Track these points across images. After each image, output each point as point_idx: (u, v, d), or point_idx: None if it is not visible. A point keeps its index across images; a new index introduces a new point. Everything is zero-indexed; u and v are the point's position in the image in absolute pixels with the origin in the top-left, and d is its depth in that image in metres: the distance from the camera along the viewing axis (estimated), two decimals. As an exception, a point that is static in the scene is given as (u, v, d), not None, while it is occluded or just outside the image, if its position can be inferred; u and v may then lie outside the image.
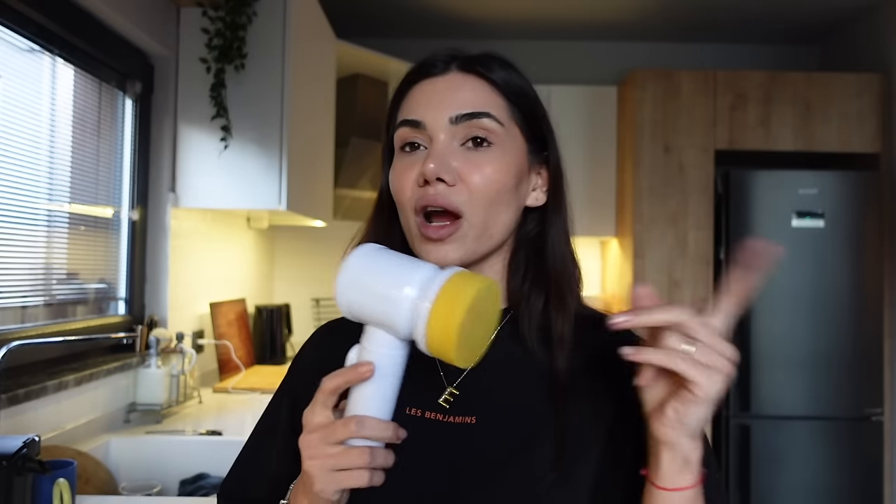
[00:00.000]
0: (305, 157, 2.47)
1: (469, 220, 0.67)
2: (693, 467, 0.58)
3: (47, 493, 1.12)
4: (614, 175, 3.60)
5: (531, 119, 0.72)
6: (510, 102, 0.70)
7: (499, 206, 0.68)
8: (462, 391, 0.70)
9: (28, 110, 1.65)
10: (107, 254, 2.04)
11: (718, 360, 0.55)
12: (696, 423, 0.56)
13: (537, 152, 0.74)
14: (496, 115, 0.69)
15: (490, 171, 0.67)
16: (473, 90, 0.69)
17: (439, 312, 0.54)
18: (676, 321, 0.55)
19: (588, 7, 3.45)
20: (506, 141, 0.69)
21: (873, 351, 3.10)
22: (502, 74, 0.71)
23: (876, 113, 3.22)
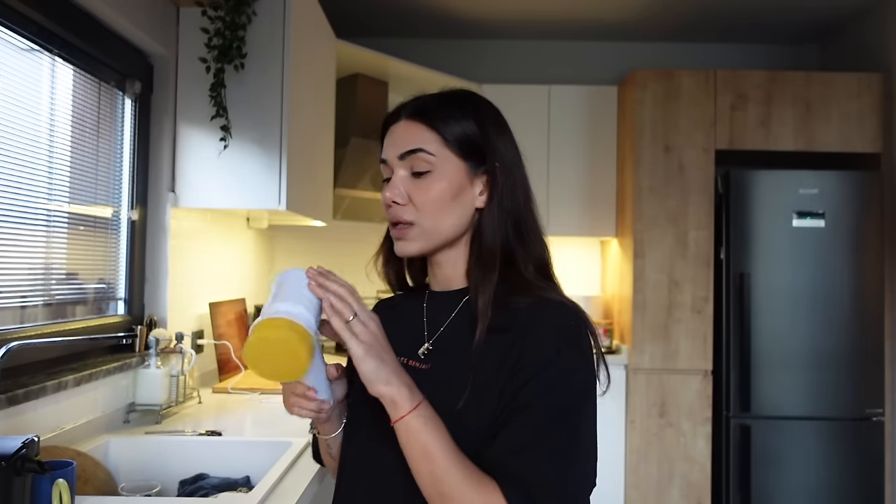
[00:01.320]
0: (305, 157, 2.46)
1: (419, 225, 0.92)
2: (399, 404, 0.78)
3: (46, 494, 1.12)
4: (614, 175, 3.60)
5: (465, 143, 0.93)
6: (442, 136, 0.92)
7: (442, 213, 0.92)
8: (433, 347, 0.95)
9: (27, 110, 1.65)
10: (106, 254, 2.03)
11: (360, 327, 0.79)
12: (368, 373, 0.77)
13: (477, 166, 0.94)
14: (428, 149, 0.92)
15: (428, 191, 0.91)
16: (412, 132, 0.93)
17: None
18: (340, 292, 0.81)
19: (588, 7, 3.45)
20: (441, 166, 0.92)
21: (874, 351, 3.10)
22: (437, 114, 0.93)
23: (876, 113, 3.22)
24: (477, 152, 0.93)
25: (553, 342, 0.84)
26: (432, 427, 0.79)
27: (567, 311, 0.88)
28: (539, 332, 0.85)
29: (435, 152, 0.92)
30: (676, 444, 3.18)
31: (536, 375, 0.82)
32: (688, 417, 3.19)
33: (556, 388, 0.82)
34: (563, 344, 0.84)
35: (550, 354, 0.83)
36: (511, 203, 0.94)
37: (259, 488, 1.38)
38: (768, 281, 3.11)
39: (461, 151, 0.93)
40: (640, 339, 3.22)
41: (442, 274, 0.99)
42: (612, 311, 3.64)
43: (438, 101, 0.95)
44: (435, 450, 0.78)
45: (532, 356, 0.83)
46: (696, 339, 3.20)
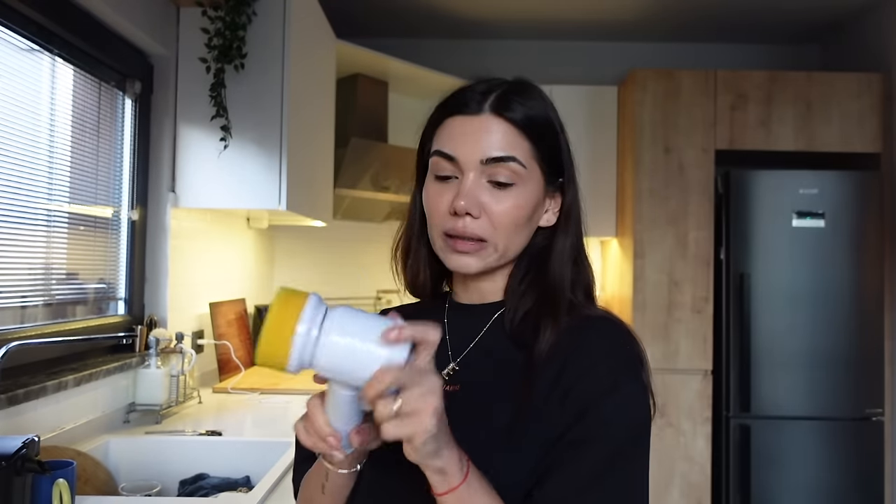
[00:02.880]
0: (305, 157, 2.46)
1: (492, 244, 0.80)
2: (449, 475, 0.65)
3: (46, 494, 1.12)
4: (615, 175, 3.60)
5: (550, 152, 0.83)
6: (533, 143, 0.81)
7: (517, 233, 0.81)
8: (460, 366, 0.83)
9: (27, 110, 1.65)
10: (106, 254, 2.04)
11: (420, 402, 0.60)
12: (425, 451, 0.62)
13: (553, 181, 0.84)
14: (521, 158, 0.80)
15: (511, 206, 0.79)
16: (502, 134, 0.79)
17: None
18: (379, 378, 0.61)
19: (588, 7, 3.45)
20: (527, 180, 0.80)
21: (874, 351, 3.10)
22: (527, 114, 0.81)
23: (876, 113, 3.22)
24: (556, 165, 0.85)
25: (609, 371, 0.75)
26: (484, 491, 0.68)
27: (617, 331, 0.80)
28: (591, 358, 0.76)
29: (526, 164, 0.80)
30: (676, 444, 3.18)
31: (592, 409, 0.73)
32: (688, 417, 3.19)
33: (615, 425, 0.72)
34: (621, 373, 0.75)
35: (608, 386, 0.74)
36: (577, 224, 0.86)
37: (259, 488, 1.38)
38: (768, 281, 3.11)
39: (547, 163, 0.83)
40: (640, 339, 3.21)
41: (476, 287, 0.87)
42: (612, 311, 3.63)
43: (524, 99, 0.82)
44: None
45: (587, 386, 0.74)
46: (696, 339, 3.20)
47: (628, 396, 0.74)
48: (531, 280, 0.83)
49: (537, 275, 0.83)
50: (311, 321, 0.57)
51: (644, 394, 0.76)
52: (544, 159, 0.82)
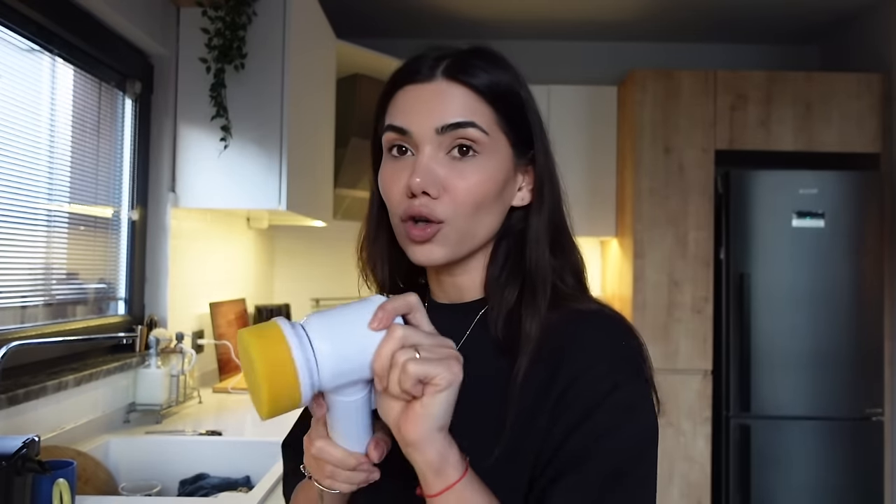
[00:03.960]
0: (305, 157, 2.46)
1: (451, 225, 0.70)
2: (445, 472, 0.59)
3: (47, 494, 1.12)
4: (614, 175, 3.60)
5: (517, 120, 0.73)
6: (495, 109, 0.71)
7: (482, 212, 0.71)
8: None
9: (28, 110, 1.65)
10: (106, 254, 2.04)
11: (444, 351, 0.58)
12: (442, 411, 0.57)
13: (523, 153, 0.74)
14: (481, 124, 0.69)
15: (474, 180, 0.69)
16: (458, 99, 0.70)
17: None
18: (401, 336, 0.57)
19: (588, 7, 3.45)
20: (490, 149, 0.70)
21: (874, 351, 3.10)
22: (487, 79, 0.71)
23: (876, 113, 3.22)
24: (524, 136, 0.74)
25: (607, 372, 0.66)
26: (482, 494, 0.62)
27: (614, 326, 0.71)
28: (586, 358, 0.67)
29: (489, 130, 0.70)
30: (676, 444, 3.19)
31: (590, 416, 0.65)
32: (688, 417, 3.19)
33: (616, 432, 0.65)
34: (620, 374, 0.67)
35: (606, 388, 0.66)
36: (553, 201, 0.75)
37: (259, 488, 1.38)
38: (768, 281, 3.11)
39: (513, 132, 0.72)
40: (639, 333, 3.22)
41: (452, 283, 0.77)
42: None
43: (484, 63, 0.72)
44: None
45: (582, 389, 0.66)
46: (696, 339, 3.20)
47: (630, 399, 0.67)
48: (511, 270, 0.74)
49: (517, 263, 0.74)
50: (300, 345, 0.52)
51: (647, 395, 0.69)
52: (510, 127, 0.72)
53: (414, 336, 0.57)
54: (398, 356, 0.56)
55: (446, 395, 0.57)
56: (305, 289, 3.57)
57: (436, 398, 0.57)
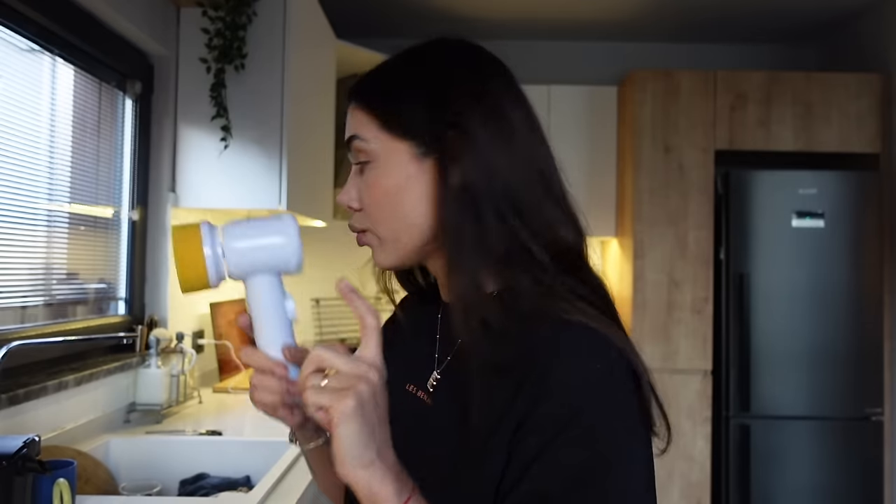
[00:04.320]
0: (305, 157, 2.47)
1: (373, 232, 0.72)
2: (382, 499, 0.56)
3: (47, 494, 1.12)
4: (614, 175, 3.60)
5: (404, 116, 0.70)
6: (377, 115, 0.70)
7: (395, 214, 0.70)
8: (442, 375, 0.74)
9: (28, 110, 1.65)
10: (107, 254, 2.04)
11: (347, 380, 0.56)
12: (347, 446, 0.54)
13: (429, 143, 0.69)
14: (362, 134, 0.71)
15: (372, 187, 0.71)
16: (353, 117, 0.72)
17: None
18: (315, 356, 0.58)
19: (588, 7, 3.45)
20: (380, 155, 0.70)
21: (873, 351, 3.10)
22: (370, 89, 0.72)
23: (876, 113, 3.22)
24: (430, 123, 0.69)
25: (570, 395, 0.61)
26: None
27: (592, 343, 0.63)
28: (554, 378, 0.62)
29: (369, 137, 0.70)
30: (676, 444, 3.18)
31: (549, 445, 0.60)
32: (687, 417, 3.19)
33: (577, 466, 0.59)
34: (585, 398, 0.61)
35: (566, 415, 0.60)
36: (483, 179, 0.67)
37: (259, 488, 1.38)
38: (768, 281, 3.11)
39: (401, 130, 0.70)
40: (639, 339, 3.22)
41: (441, 283, 0.77)
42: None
43: (379, 70, 0.74)
44: None
45: (544, 414, 0.61)
46: (696, 339, 3.20)
47: (594, 425, 0.60)
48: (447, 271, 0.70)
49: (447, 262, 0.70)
50: (211, 241, 0.63)
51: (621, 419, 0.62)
52: (401, 127, 0.69)
53: (329, 360, 0.57)
54: (308, 379, 0.57)
55: (344, 430, 0.54)
56: (305, 289, 3.57)
57: (337, 433, 0.54)
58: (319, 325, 3.50)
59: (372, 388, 0.56)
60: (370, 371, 0.57)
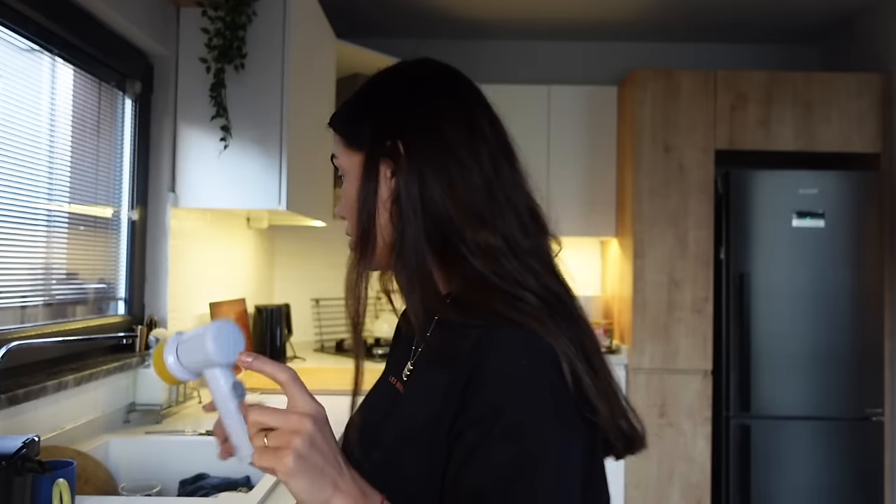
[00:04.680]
0: (305, 157, 2.46)
1: (354, 237, 0.78)
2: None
3: (47, 494, 1.12)
4: (614, 175, 3.60)
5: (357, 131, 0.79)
6: (341, 134, 0.81)
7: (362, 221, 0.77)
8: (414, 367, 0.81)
9: (28, 110, 1.65)
10: (106, 254, 2.04)
11: (282, 438, 0.60)
12: (301, 490, 0.60)
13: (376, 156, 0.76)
14: (336, 153, 0.82)
15: (345, 197, 0.81)
16: (333, 141, 0.84)
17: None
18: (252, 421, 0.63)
19: (588, 7, 3.45)
20: (347, 168, 0.80)
21: (874, 351, 3.10)
22: (340, 115, 0.83)
23: (876, 113, 3.22)
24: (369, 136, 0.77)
25: (498, 391, 0.64)
26: None
27: (520, 341, 0.66)
28: (486, 373, 0.65)
29: (340, 155, 0.81)
30: (676, 444, 3.18)
31: (483, 441, 0.63)
32: (688, 417, 3.19)
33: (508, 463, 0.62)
34: (512, 394, 0.64)
35: (496, 411, 0.64)
36: (423, 186, 0.72)
37: (259, 488, 1.38)
38: (768, 281, 3.11)
39: (357, 145, 0.78)
40: (640, 339, 3.22)
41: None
42: (612, 311, 3.64)
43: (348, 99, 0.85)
44: None
45: (477, 408, 0.65)
46: (696, 339, 3.20)
47: (516, 424, 0.63)
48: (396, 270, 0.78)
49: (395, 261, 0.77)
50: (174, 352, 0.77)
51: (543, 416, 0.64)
52: (356, 143, 0.78)
53: (265, 421, 0.62)
54: (254, 441, 0.63)
55: (292, 482, 0.59)
56: (305, 289, 3.57)
57: (288, 487, 0.60)
58: (319, 324, 3.50)
59: (309, 436, 0.60)
60: (302, 421, 0.60)
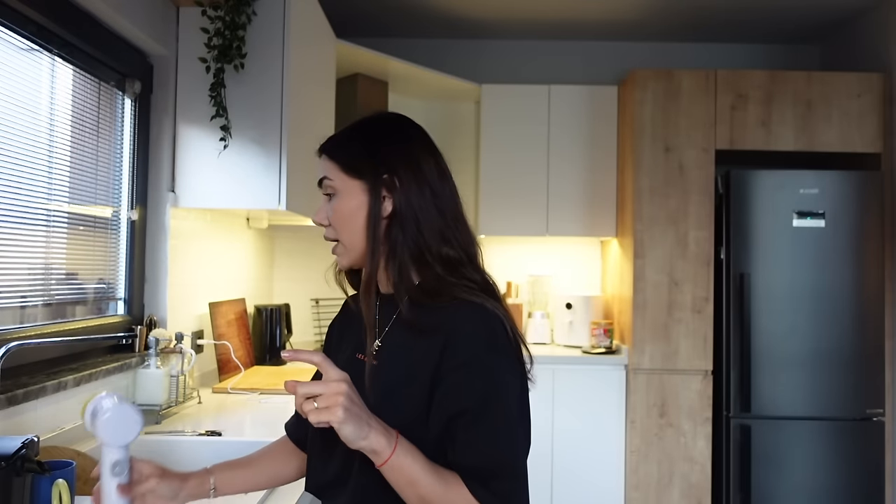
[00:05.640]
0: (305, 157, 2.46)
1: (341, 242, 1.06)
2: (377, 455, 0.87)
3: (46, 494, 1.12)
4: (615, 175, 3.60)
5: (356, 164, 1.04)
6: (338, 163, 1.05)
7: (350, 229, 1.03)
8: (382, 343, 1.04)
9: (27, 110, 1.65)
10: (106, 254, 2.03)
11: (331, 399, 0.84)
12: (348, 433, 0.84)
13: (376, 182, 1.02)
14: (329, 175, 1.06)
15: (337, 212, 1.05)
16: (323, 164, 1.07)
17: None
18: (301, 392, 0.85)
19: (588, 7, 3.45)
20: (343, 189, 1.04)
21: (874, 351, 3.10)
22: (334, 144, 1.07)
23: (877, 112, 3.22)
24: (372, 169, 1.03)
25: (469, 347, 0.93)
26: (411, 459, 0.89)
27: (478, 313, 0.96)
28: (457, 337, 0.94)
29: (334, 178, 1.05)
30: (677, 445, 3.18)
31: (459, 381, 0.93)
32: (688, 417, 3.18)
33: (480, 389, 0.92)
34: (479, 347, 0.93)
35: (470, 361, 0.93)
36: (410, 208, 1.00)
37: (259, 488, 1.37)
38: (768, 281, 3.11)
39: (355, 172, 1.04)
40: (640, 339, 3.22)
41: (381, 280, 1.06)
42: (612, 311, 3.64)
43: (339, 134, 1.09)
44: (418, 476, 0.89)
45: (453, 362, 0.93)
46: (696, 339, 3.20)
47: (487, 362, 0.93)
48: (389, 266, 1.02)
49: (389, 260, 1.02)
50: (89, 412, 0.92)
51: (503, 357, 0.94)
52: (353, 168, 1.04)
53: (310, 390, 0.84)
54: (304, 407, 0.84)
55: (343, 427, 0.84)
56: (305, 289, 3.57)
57: (339, 430, 0.84)
58: (319, 324, 3.50)
59: (347, 394, 0.84)
60: (340, 385, 0.85)
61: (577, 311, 3.56)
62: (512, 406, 0.95)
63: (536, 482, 3.23)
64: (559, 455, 3.26)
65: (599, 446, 3.26)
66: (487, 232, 3.60)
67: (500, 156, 3.60)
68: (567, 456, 3.26)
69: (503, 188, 3.59)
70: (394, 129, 1.08)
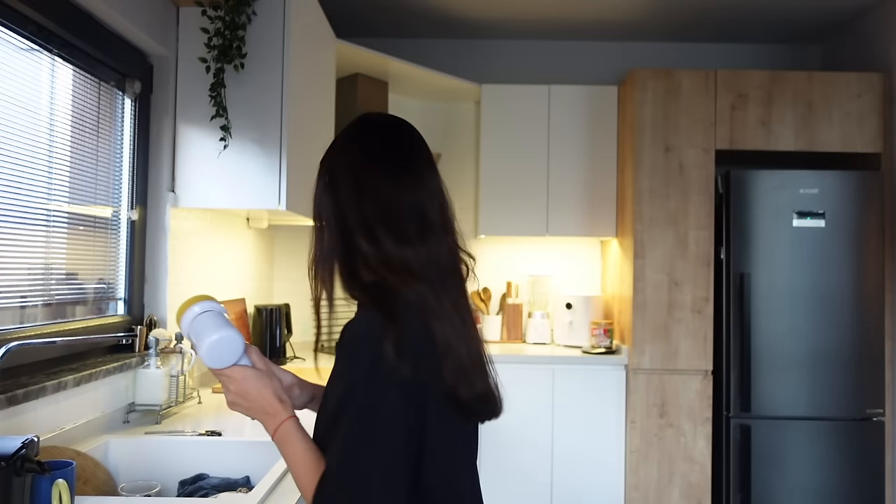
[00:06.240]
0: (305, 157, 2.46)
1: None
2: (267, 428, 1.01)
3: (46, 494, 1.12)
4: (615, 175, 3.60)
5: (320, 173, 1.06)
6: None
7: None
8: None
9: (27, 110, 1.65)
10: (106, 254, 2.03)
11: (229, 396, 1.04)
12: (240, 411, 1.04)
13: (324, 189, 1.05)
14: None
15: None
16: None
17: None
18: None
19: (588, 7, 3.45)
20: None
21: (874, 351, 3.10)
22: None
23: (877, 112, 3.22)
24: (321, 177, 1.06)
25: (338, 356, 0.98)
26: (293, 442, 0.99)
27: (354, 325, 0.97)
28: (340, 344, 0.99)
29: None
30: (677, 445, 3.18)
31: (331, 390, 0.99)
32: (688, 417, 3.18)
33: (340, 398, 0.95)
34: (341, 356, 0.97)
35: (336, 368, 0.98)
36: (332, 210, 1.02)
37: (259, 488, 1.38)
38: (768, 281, 3.11)
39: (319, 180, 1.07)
40: (640, 339, 3.22)
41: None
42: (613, 311, 3.64)
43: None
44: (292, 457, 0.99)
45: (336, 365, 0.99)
46: (696, 339, 3.20)
47: (343, 373, 0.95)
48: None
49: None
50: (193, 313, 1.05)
51: (355, 368, 0.94)
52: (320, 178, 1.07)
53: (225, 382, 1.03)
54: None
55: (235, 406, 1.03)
56: (305, 289, 3.54)
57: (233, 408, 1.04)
58: (319, 325, 3.50)
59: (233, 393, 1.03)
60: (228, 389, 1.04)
61: (577, 311, 3.56)
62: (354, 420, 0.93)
63: (537, 482, 3.23)
64: (559, 455, 3.26)
65: (599, 446, 3.26)
66: (487, 232, 3.60)
67: (499, 156, 3.60)
68: (567, 456, 3.26)
69: (503, 188, 3.59)
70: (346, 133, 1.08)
